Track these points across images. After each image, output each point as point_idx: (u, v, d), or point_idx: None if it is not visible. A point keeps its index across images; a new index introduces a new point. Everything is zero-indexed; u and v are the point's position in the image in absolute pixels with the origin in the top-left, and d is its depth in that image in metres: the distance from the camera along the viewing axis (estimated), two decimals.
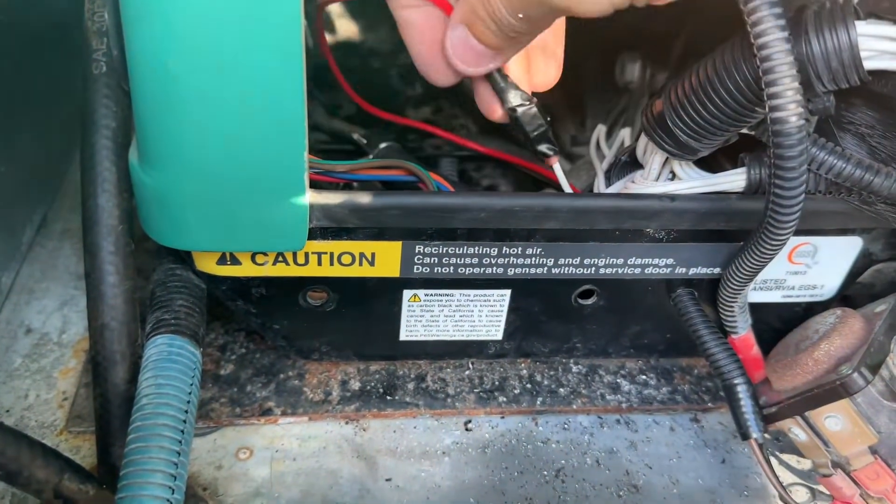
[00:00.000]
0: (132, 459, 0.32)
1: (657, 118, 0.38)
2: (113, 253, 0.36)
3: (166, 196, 0.35)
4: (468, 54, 0.36)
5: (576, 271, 0.42)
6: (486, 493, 0.44)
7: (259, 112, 0.31)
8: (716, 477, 0.46)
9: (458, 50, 0.36)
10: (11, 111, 0.53)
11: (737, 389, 0.42)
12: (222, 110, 0.31)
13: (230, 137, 0.32)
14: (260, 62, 0.30)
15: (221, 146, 0.32)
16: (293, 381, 0.48)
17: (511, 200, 0.38)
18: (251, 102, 0.31)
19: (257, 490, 0.42)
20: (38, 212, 0.58)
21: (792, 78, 0.30)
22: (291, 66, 0.31)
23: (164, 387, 0.34)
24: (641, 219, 0.39)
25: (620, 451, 0.47)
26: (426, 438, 0.46)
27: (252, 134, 0.32)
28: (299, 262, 0.40)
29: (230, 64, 0.30)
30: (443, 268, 0.41)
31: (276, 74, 0.31)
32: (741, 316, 0.43)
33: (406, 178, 0.44)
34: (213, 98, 0.31)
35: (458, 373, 0.50)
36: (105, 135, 0.37)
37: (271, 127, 0.32)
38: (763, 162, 0.40)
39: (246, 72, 0.30)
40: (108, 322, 0.36)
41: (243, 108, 0.31)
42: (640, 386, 0.50)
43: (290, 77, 0.31)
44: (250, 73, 0.30)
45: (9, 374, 0.47)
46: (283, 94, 0.31)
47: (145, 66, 0.31)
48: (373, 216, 0.38)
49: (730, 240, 0.41)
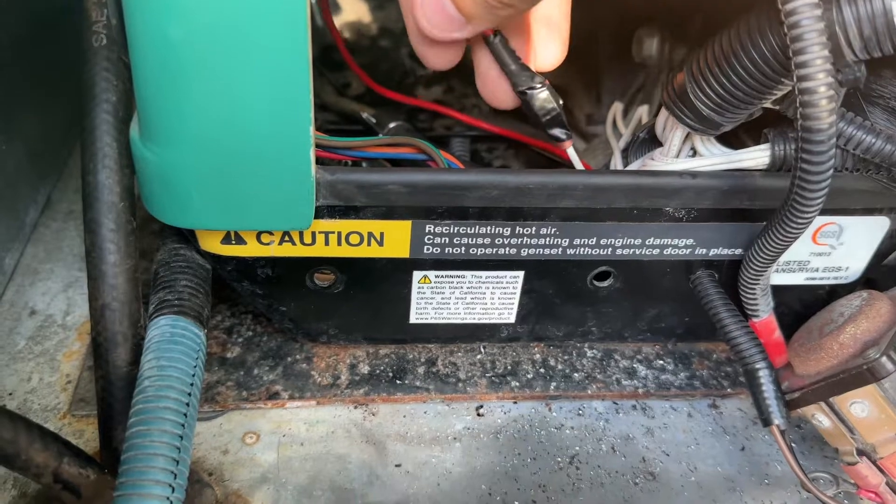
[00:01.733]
0: (133, 443, 0.31)
1: (678, 91, 0.37)
2: (114, 231, 0.35)
3: (168, 172, 0.33)
4: (438, 17, 0.33)
5: (592, 252, 0.41)
6: (499, 479, 0.42)
7: (263, 83, 0.30)
8: (735, 464, 0.44)
9: (429, 9, 0.33)
10: (13, 88, 0.52)
11: (758, 374, 0.40)
12: (225, 81, 0.30)
13: (233, 110, 0.31)
14: (264, 30, 0.29)
15: (225, 119, 0.31)
16: (301, 364, 0.47)
17: (525, 178, 0.37)
18: (255, 73, 0.30)
19: (264, 475, 0.41)
20: (42, 192, 0.57)
21: (822, 46, 0.29)
22: (296, 33, 0.29)
23: (166, 368, 0.33)
24: (661, 197, 0.38)
25: (637, 437, 0.45)
26: (437, 424, 0.45)
27: (256, 106, 0.31)
28: (306, 242, 0.39)
29: (233, 32, 0.29)
30: (454, 248, 0.40)
31: (281, 43, 0.29)
32: (763, 299, 0.41)
33: (416, 157, 0.42)
34: (216, 68, 0.30)
35: (470, 357, 0.49)
36: (105, 109, 0.36)
37: (276, 98, 0.31)
38: (788, 137, 0.39)
39: (249, 41, 0.29)
40: (109, 302, 0.35)
41: (247, 79, 0.30)
42: (658, 371, 0.49)
43: (295, 45, 0.29)
44: (254, 41, 0.29)
45: (12, 357, 0.46)
46: (288, 63, 0.30)
47: (145, 35, 0.29)
48: (381, 194, 0.37)
49: (752, 219, 0.40)
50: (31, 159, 0.54)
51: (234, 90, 0.30)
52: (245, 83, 0.30)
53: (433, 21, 0.33)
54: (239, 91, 0.30)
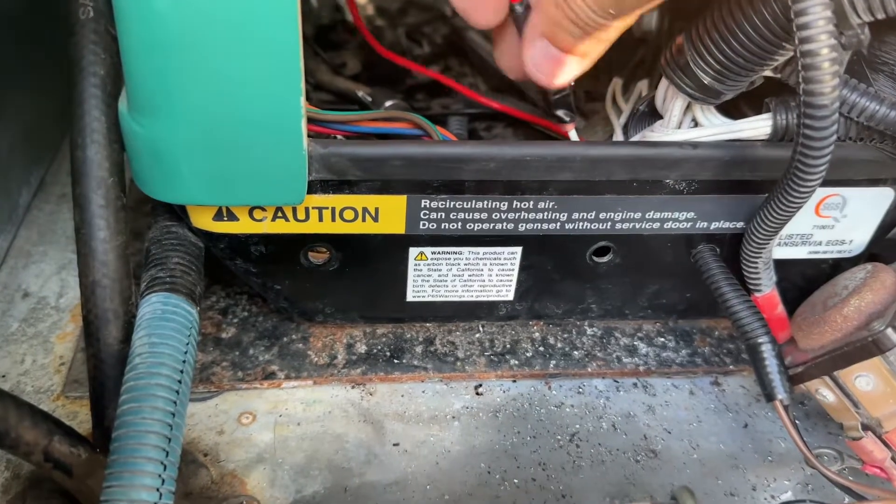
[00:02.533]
0: (124, 421, 0.30)
1: (678, 59, 0.36)
2: (103, 206, 0.35)
3: (157, 146, 0.33)
4: (554, 67, 0.34)
5: (591, 226, 0.40)
6: (498, 457, 0.42)
7: (252, 52, 0.30)
8: (738, 442, 0.44)
9: (543, 66, 0.35)
10: (5, 67, 0.51)
11: (761, 349, 0.39)
12: (213, 50, 0.30)
13: (222, 80, 0.30)
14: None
15: (213, 90, 0.31)
16: (297, 344, 0.46)
17: (522, 149, 0.36)
18: (243, 42, 0.29)
19: (260, 455, 0.41)
20: (35, 174, 0.56)
21: (824, 6, 0.28)
22: (285, 2, 0.28)
23: (158, 346, 0.33)
24: (661, 168, 0.37)
25: (638, 415, 0.45)
26: (435, 403, 0.45)
27: (245, 76, 0.30)
28: (299, 218, 0.38)
29: (220, 1, 0.28)
30: (450, 223, 0.39)
31: (270, 10, 0.29)
32: (765, 273, 0.41)
33: (410, 132, 0.41)
34: (203, 37, 0.29)
35: (468, 336, 0.48)
36: (93, 83, 0.35)
37: (265, 68, 0.30)
38: (789, 107, 0.38)
39: (237, 9, 0.28)
40: (99, 279, 0.35)
41: (235, 49, 0.30)
42: (659, 348, 0.48)
43: (284, 13, 0.29)
44: (242, 10, 0.28)
45: (5, 339, 0.46)
46: (277, 31, 0.29)
47: (131, 5, 0.29)
48: (375, 168, 0.36)
49: (754, 191, 0.39)
50: (25, 140, 0.54)
51: (222, 60, 0.30)
52: (233, 53, 0.30)
53: (552, 73, 0.35)
54: (227, 61, 0.30)
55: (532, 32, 0.34)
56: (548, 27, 0.33)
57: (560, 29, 0.32)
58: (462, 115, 0.59)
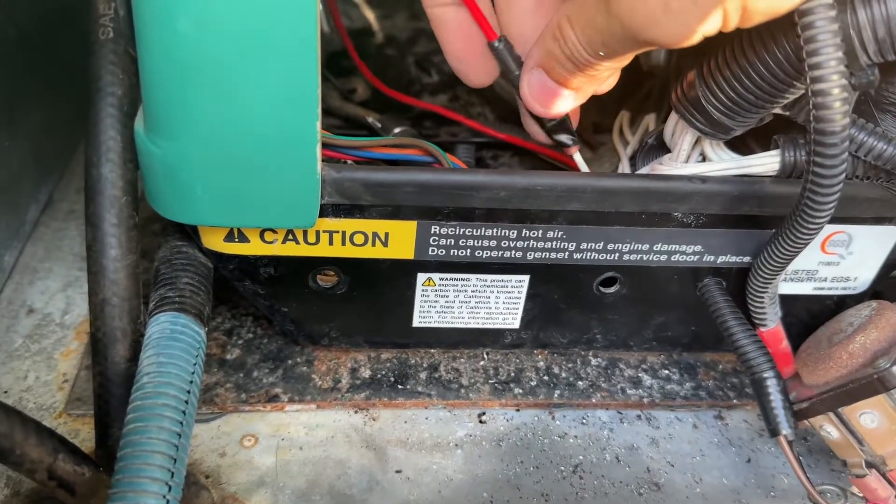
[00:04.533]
0: (130, 440, 0.30)
1: (689, 94, 0.37)
2: (116, 225, 0.35)
3: (172, 167, 0.33)
4: (548, 98, 0.36)
5: (599, 257, 0.40)
6: (501, 487, 0.42)
7: (271, 77, 0.30)
8: (741, 476, 0.44)
9: (537, 93, 0.36)
10: (18, 83, 0.51)
11: (766, 383, 0.39)
12: (233, 75, 0.30)
13: (240, 104, 0.31)
14: (273, 24, 0.28)
15: (231, 113, 0.31)
16: (301, 367, 0.46)
17: (533, 179, 0.36)
18: (263, 67, 0.30)
19: (262, 479, 0.41)
20: (43, 190, 0.56)
21: (836, 47, 0.29)
22: (306, 28, 0.29)
23: (165, 365, 0.33)
24: (670, 201, 0.37)
25: (641, 447, 0.45)
26: (438, 430, 0.44)
27: (263, 101, 0.31)
28: (310, 241, 0.38)
29: (242, 25, 0.29)
30: (459, 250, 0.40)
31: (291, 37, 0.29)
32: (771, 308, 0.41)
33: (421, 158, 0.42)
34: (224, 62, 0.29)
35: (473, 363, 0.48)
36: (110, 102, 0.35)
37: (283, 93, 0.31)
38: (798, 144, 0.38)
39: (258, 35, 0.29)
40: (108, 297, 0.35)
41: (255, 74, 0.30)
42: (663, 381, 0.48)
43: (304, 40, 0.29)
44: (263, 36, 0.29)
45: (9, 355, 0.46)
46: (296, 58, 0.30)
47: (153, 27, 0.29)
48: (387, 193, 0.36)
49: (761, 226, 0.40)
50: (34, 157, 0.54)
51: (242, 84, 0.30)
52: (253, 77, 0.30)
53: (545, 102, 0.36)
54: (246, 85, 0.30)
55: (530, 62, 0.35)
56: (545, 59, 0.34)
57: (556, 62, 0.33)
58: (469, 143, 0.59)
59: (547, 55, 0.34)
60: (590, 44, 0.31)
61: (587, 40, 0.31)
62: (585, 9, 0.31)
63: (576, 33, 0.32)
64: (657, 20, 0.28)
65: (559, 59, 0.33)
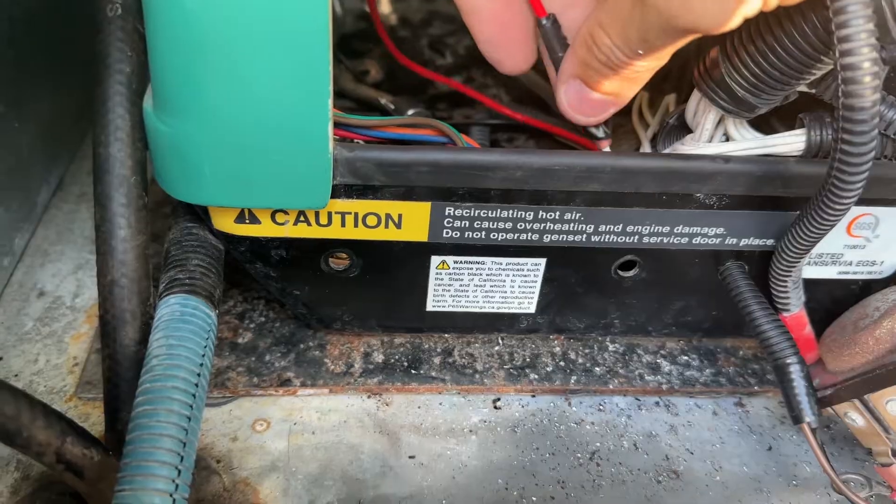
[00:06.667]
0: (139, 423, 0.29)
1: (712, 71, 0.35)
2: (124, 205, 0.34)
3: (181, 145, 0.32)
4: (588, 108, 0.35)
5: (617, 240, 0.39)
6: (516, 474, 0.41)
7: (281, 53, 0.29)
8: (762, 464, 0.43)
9: (575, 104, 0.36)
10: (26, 65, 0.51)
11: (789, 369, 0.38)
12: (242, 50, 0.29)
13: (250, 81, 0.30)
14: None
15: (240, 90, 0.30)
16: (314, 351, 0.46)
17: (550, 158, 0.35)
18: (273, 43, 0.29)
19: (273, 463, 0.40)
20: (54, 173, 0.56)
21: (866, 19, 0.27)
22: (316, 2, 0.28)
23: (175, 348, 0.32)
24: (692, 181, 0.36)
25: (660, 434, 0.44)
26: (452, 415, 0.44)
27: (273, 77, 0.30)
28: (321, 223, 0.37)
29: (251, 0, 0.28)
30: (474, 232, 0.39)
31: (301, 11, 0.28)
32: (794, 292, 0.40)
33: (435, 139, 0.41)
34: (233, 37, 0.29)
35: (487, 348, 0.47)
36: (118, 80, 0.34)
37: (294, 69, 0.30)
38: (824, 122, 0.37)
39: (268, 9, 0.28)
40: (117, 279, 0.34)
41: (265, 49, 0.29)
42: (682, 367, 0.47)
43: (315, 14, 0.28)
44: (273, 10, 0.28)
45: (19, 338, 0.45)
46: (307, 32, 0.29)
47: (161, 2, 0.28)
48: (400, 173, 0.35)
49: (785, 208, 0.38)
50: (44, 139, 0.53)
51: (251, 59, 0.29)
52: (262, 52, 0.29)
53: (586, 112, 0.36)
54: (256, 60, 0.29)
55: (565, 73, 0.35)
56: (580, 68, 0.34)
57: (592, 70, 0.33)
58: (484, 125, 0.58)
59: (582, 65, 0.33)
60: (626, 43, 0.31)
61: (623, 40, 0.31)
62: (619, 8, 0.30)
63: (610, 36, 0.31)
64: (694, 5, 0.27)
65: (594, 66, 0.33)
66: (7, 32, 0.48)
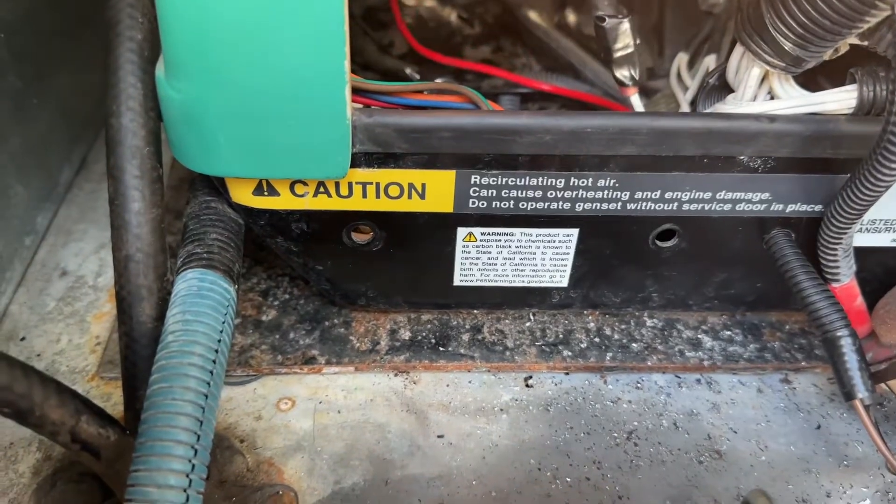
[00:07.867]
0: (154, 402, 0.28)
1: (755, 22, 0.33)
2: (138, 177, 0.33)
3: (196, 114, 0.31)
4: None
5: (655, 207, 0.37)
6: (549, 454, 0.39)
7: (294, 12, 0.28)
8: (810, 444, 0.40)
9: None
10: (47, 42, 0.50)
11: (840, 343, 0.36)
12: (253, 10, 0.28)
13: (263, 41, 0.29)
14: None
15: (253, 52, 0.29)
16: (339, 329, 0.44)
17: (581, 120, 0.33)
18: (286, 2, 0.27)
19: (298, 443, 0.39)
20: (76, 152, 0.55)
21: None
22: None
23: (192, 323, 0.31)
24: (735, 143, 0.34)
25: (701, 413, 0.42)
26: (482, 394, 0.42)
27: (286, 38, 0.28)
28: (342, 194, 0.36)
29: None
30: (502, 202, 0.37)
31: None
32: (845, 261, 0.37)
33: (460, 105, 0.39)
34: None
35: (518, 324, 0.45)
36: (130, 48, 0.33)
37: (308, 30, 0.28)
38: (878, 77, 0.35)
39: None
40: (132, 253, 0.33)
41: (276, 9, 0.28)
42: (725, 342, 0.45)
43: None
44: None
45: (41, 317, 0.45)
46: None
47: None
48: (423, 139, 0.34)
49: (835, 171, 0.36)
50: (66, 117, 0.53)
51: (263, 20, 0.28)
52: (274, 13, 0.28)
53: None
54: (268, 21, 0.28)
55: None
56: None
57: None
58: (514, 94, 0.56)
59: None
60: None
61: None
62: None
63: None
64: None
65: None
66: (25, 3, 0.47)
